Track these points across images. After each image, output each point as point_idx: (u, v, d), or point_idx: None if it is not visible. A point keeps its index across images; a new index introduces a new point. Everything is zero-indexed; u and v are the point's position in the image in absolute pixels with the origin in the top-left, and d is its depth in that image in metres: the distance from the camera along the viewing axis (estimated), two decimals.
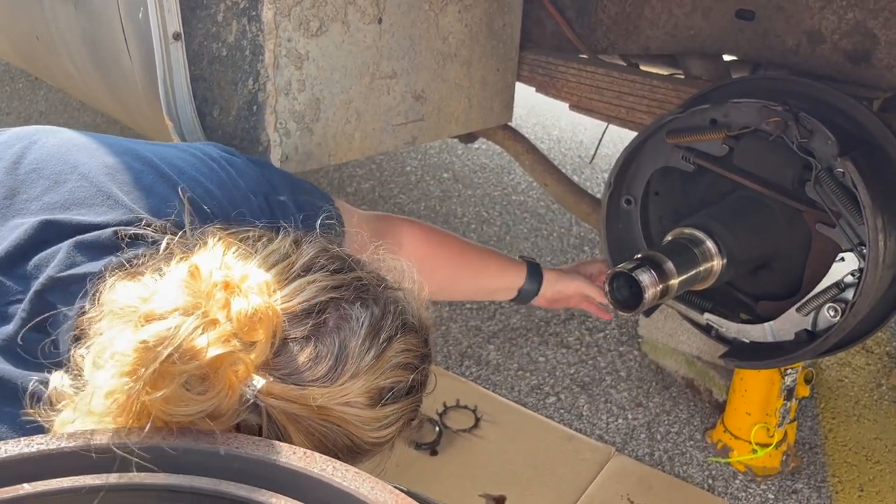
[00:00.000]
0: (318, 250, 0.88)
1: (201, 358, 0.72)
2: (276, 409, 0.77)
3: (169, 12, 1.26)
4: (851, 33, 1.60)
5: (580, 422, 2.04)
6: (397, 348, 0.86)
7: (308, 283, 0.83)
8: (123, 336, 0.73)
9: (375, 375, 0.84)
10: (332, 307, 0.83)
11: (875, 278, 1.38)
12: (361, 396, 0.83)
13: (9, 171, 0.96)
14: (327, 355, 0.81)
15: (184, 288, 0.76)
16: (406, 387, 0.87)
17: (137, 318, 0.74)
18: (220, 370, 0.73)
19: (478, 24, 1.84)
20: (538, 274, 1.64)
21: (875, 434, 2.04)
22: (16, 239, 0.89)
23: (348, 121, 1.66)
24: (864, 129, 1.48)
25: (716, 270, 1.45)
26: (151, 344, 0.71)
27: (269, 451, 0.70)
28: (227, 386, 0.74)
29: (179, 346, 0.71)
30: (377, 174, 3.42)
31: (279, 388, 0.77)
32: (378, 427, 0.85)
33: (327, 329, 0.82)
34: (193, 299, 0.75)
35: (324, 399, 0.79)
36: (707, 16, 1.79)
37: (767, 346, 1.57)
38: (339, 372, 0.81)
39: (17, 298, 0.86)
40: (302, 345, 0.80)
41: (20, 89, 4.19)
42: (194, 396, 0.72)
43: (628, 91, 1.85)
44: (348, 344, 0.82)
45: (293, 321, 0.81)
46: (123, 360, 0.71)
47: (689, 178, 1.65)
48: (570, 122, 3.99)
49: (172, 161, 1.03)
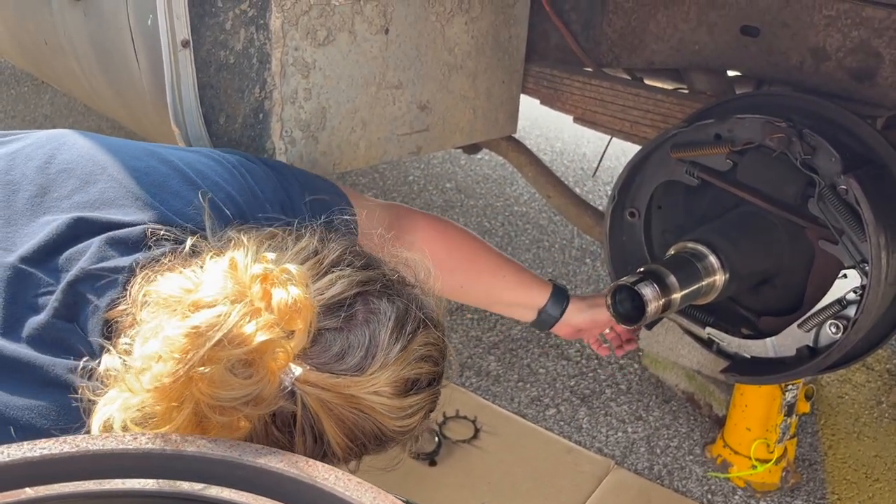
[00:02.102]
0: (344, 247, 0.92)
1: (249, 343, 0.75)
2: (311, 397, 0.81)
3: (178, 20, 1.26)
4: (856, 51, 1.61)
5: (580, 434, 2.04)
6: (420, 341, 0.91)
7: (338, 278, 0.88)
8: (172, 323, 0.76)
9: (402, 366, 0.88)
10: (360, 301, 0.88)
11: (877, 296, 1.38)
12: (388, 386, 0.87)
13: (40, 170, 0.99)
14: (359, 346, 0.85)
15: (228, 278, 0.80)
16: (428, 378, 0.92)
17: (185, 306, 0.77)
18: (265, 356, 0.77)
19: (484, 36, 1.85)
20: (564, 298, 1.51)
21: (875, 452, 2.03)
22: (48, 234, 0.92)
23: (354, 130, 1.66)
24: (867, 146, 1.49)
25: (718, 285, 1.46)
26: (203, 329, 0.74)
27: (271, 459, 0.70)
28: (270, 372, 0.78)
29: (230, 331, 0.75)
30: (380, 183, 3.43)
31: (315, 376, 0.81)
32: (403, 416, 0.89)
33: (357, 322, 0.87)
34: (239, 288, 0.79)
35: (355, 388, 0.83)
36: (712, 31, 1.79)
37: (769, 362, 1.57)
38: (369, 362, 0.85)
39: (49, 290, 0.89)
40: (335, 335, 0.85)
41: (25, 93, 4.20)
42: (240, 381, 0.75)
43: (633, 105, 1.86)
44: (378, 336, 0.87)
45: (326, 313, 0.85)
46: (175, 344, 0.74)
47: (692, 192, 1.65)
48: (572, 134, 4.00)
49: (196, 166, 1.06)
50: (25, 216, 0.95)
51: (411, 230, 1.37)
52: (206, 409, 0.74)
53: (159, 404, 0.74)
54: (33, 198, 0.97)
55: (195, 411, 0.74)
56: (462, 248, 1.44)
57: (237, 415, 0.76)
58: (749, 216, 1.55)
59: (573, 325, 1.53)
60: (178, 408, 0.74)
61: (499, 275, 1.48)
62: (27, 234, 0.93)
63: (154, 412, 0.74)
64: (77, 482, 0.67)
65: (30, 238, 0.93)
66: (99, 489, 0.68)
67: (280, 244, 0.89)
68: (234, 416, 0.76)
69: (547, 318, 1.52)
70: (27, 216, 0.95)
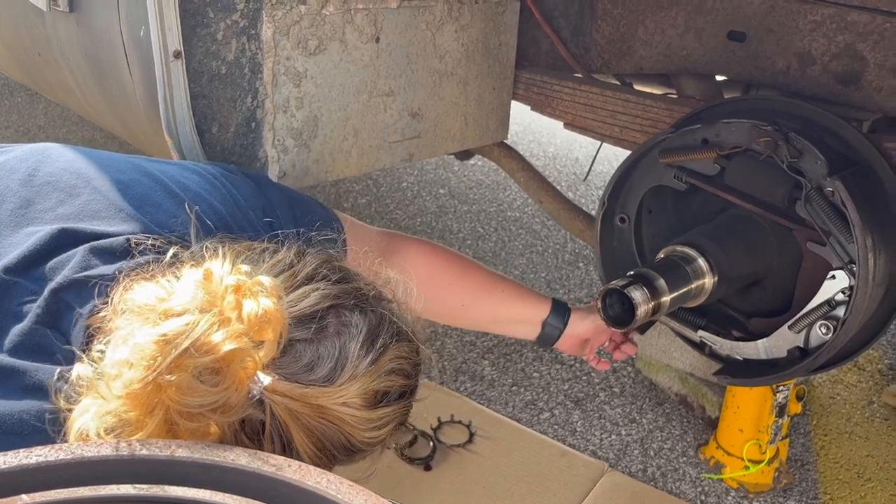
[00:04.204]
0: (320, 261, 0.94)
1: (217, 351, 0.77)
2: (279, 406, 0.82)
3: (170, 31, 1.28)
4: (841, 55, 1.63)
5: (574, 437, 2.05)
6: (392, 355, 0.92)
7: (312, 291, 0.89)
8: (143, 331, 0.78)
9: (371, 379, 0.89)
10: (332, 314, 0.89)
11: (865, 296, 1.40)
12: (358, 398, 0.88)
13: (24, 182, 1.01)
14: (328, 358, 0.86)
15: (200, 288, 0.81)
16: (399, 391, 0.93)
17: (156, 314, 0.79)
18: (232, 365, 0.78)
19: (474, 44, 1.86)
20: (565, 310, 1.51)
21: (867, 451, 2.05)
22: (32, 244, 0.94)
23: (346, 138, 1.68)
24: (853, 149, 1.50)
25: (707, 288, 1.47)
26: (170, 337, 0.76)
27: (265, 464, 0.71)
28: (237, 380, 0.79)
29: (197, 339, 0.76)
30: (374, 190, 3.44)
31: (283, 385, 0.82)
32: (372, 428, 0.90)
33: (328, 333, 0.88)
34: (209, 298, 0.80)
35: (323, 398, 0.85)
36: (699, 37, 1.82)
37: (760, 364, 1.58)
38: (338, 374, 0.86)
39: (32, 299, 0.90)
40: (305, 347, 0.86)
41: (19, 103, 4.21)
42: (207, 388, 0.76)
43: (622, 110, 1.88)
44: (348, 348, 0.88)
45: (297, 325, 0.86)
46: (144, 351, 0.75)
47: (681, 196, 1.67)
48: (565, 139, 4.02)
49: (178, 178, 1.08)
50: (9, 227, 0.97)
51: (403, 251, 1.38)
52: (175, 416, 0.75)
53: (132, 411, 0.75)
54: (17, 209, 0.99)
55: (165, 418, 0.75)
56: (456, 266, 1.44)
57: (205, 421, 0.77)
58: (737, 219, 1.57)
59: (577, 334, 1.51)
60: (149, 414, 0.75)
61: (497, 290, 1.47)
62: (10, 245, 0.95)
63: (127, 419, 0.75)
64: (72, 489, 0.68)
65: (13, 248, 0.94)
66: (94, 495, 0.69)
67: (257, 256, 0.91)
68: (202, 422, 0.77)
69: (551, 330, 1.50)
70: (10, 227, 0.97)
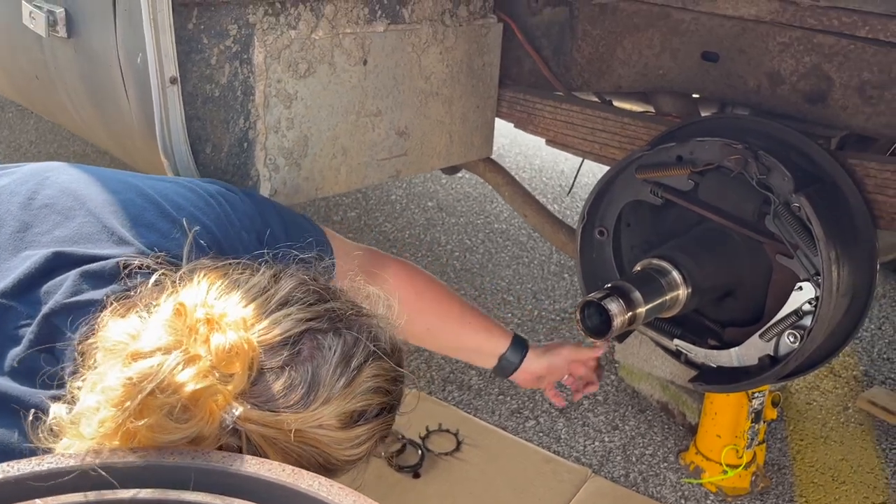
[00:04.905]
0: (295, 284, 0.94)
1: (182, 392, 0.79)
2: (254, 433, 0.85)
3: (166, 57, 1.33)
4: (809, 75, 1.71)
5: (558, 444, 2.11)
6: (368, 374, 0.93)
7: (284, 317, 0.90)
8: (113, 371, 0.80)
9: (347, 400, 0.90)
10: (306, 337, 0.90)
11: (830, 306, 1.47)
12: (333, 419, 0.89)
13: (23, 206, 1.04)
14: (301, 383, 0.88)
15: (167, 327, 0.83)
16: (377, 409, 0.94)
17: (125, 355, 0.81)
18: (201, 401, 0.80)
19: (458, 65, 1.93)
20: (523, 347, 1.57)
21: (841, 455, 2.12)
22: (27, 268, 0.97)
23: (335, 156, 1.74)
24: (818, 166, 1.58)
25: (681, 299, 1.54)
26: (136, 380, 0.78)
27: (259, 468, 0.77)
28: (208, 414, 0.81)
29: (162, 381, 0.78)
30: (363, 203, 3.50)
31: (256, 414, 0.85)
32: (350, 447, 0.92)
33: (301, 359, 0.89)
34: (176, 338, 0.82)
35: (297, 423, 0.86)
36: (675, 56, 1.89)
37: (733, 371, 1.65)
38: (311, 398, 0.88)
39: (27, 323, 0.94)
40: (277, 374, 0.87)
41: (10, 118, 4.25)
42: (177, 425, 0.79)
43: (601, 127, 1.95)
44: (320, 372, 0.89)
45: (269, 352, 0.88)
46: (112, 394, 0.78)
47: (658, 210, 1.74)
48: (551, 152, 4.10)
49: (172, 197, 1.11)
50: (8, 251, 1.00)
51: (381, 270, 1.42)
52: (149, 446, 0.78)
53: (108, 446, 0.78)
54: (16, 233, 1.02)
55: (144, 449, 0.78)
56: (430, 291, 1.50)
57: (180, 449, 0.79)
58: (711, 233, 1.64)
59: (531, 371, 1.58)
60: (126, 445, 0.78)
61: (464, 320, 1.53)
62: (8, 269, 0.98)
63: None
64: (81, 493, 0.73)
65: (10, 272, 0.97)
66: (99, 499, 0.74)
67: (233, 281, 0.92)
68: None
69: (507, 364, 1.56)
70: (9, 251, 1.00)
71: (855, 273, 1.52)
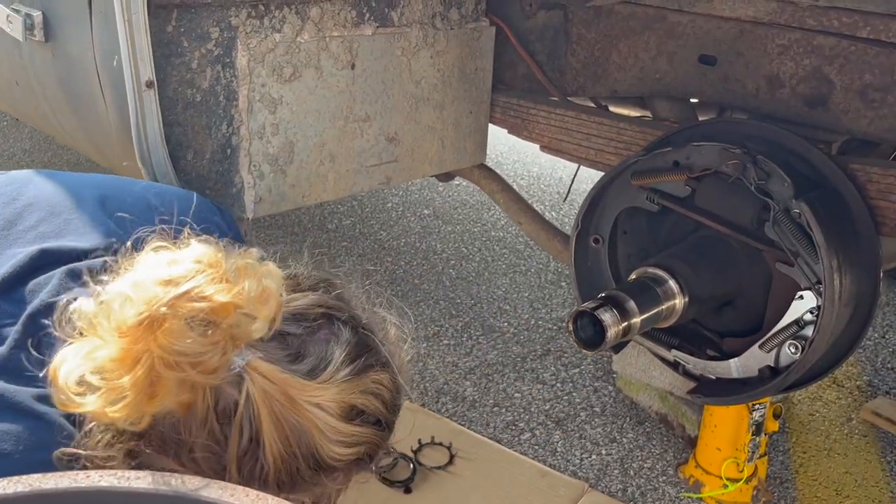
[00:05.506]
0: (322, 278, 0.97)
1: (212, 300, 0.79)
2: (257, 387, 0.83)
3: (142, 61, 1.29)
4: (808, 79, 1.66)
5: (554, 458, 2.06)
6: (374, 377, 0.93)
7: (311, 296, 0.93)
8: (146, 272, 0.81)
9: (350, 391, 0.89)
10: (325, 320, 0.91)
11: (832, 316, 1.42)
12: (333, 404, 0.88)
13: (6, 205, 1.04)
14: (313, 355, 0.88)
15: (211, 251, 0.84)
16: (375, 416, 0.93)
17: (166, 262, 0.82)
18: (225, 321, 0.80)
19: (450, 69, 1.89)
20: None
21: (845, 468, 2.06)
22: (12, 266, 0.96)
23: (322, 163, 1.69)
24: (819, 171, 1.53)
25: (678, 309, 1.49)
26: (173, 278, 0.79)
27: (225, 492, 0.72)
28: (224, 340, 0.80)
29: (197, 285, 0.79)
30: (358, 211, 3.46)
31: (265, 366, 0.84)
32: (341, 443, 0.90)
33: (317, 337, 0.90)
34: (216, 255, 0.83)
35: (299, 391, 0.85)
36: (671, 60, 1.85)
37: (733, 383, 1.60)
38: (319, 373, 0.87)
39: (11, 322, 0.92)
40: (294, 340, 0.88)
41: (4, 127, 4.22)
42: (195, 336, 0.78)
43: (596, 133, 1.90)
44: (332, 353, 0.89)
45: (291, 320, 0.89)
46: (145, 289, 0.78)
47: (654, 217, 1.69)
48: (549, 158, 4.03)
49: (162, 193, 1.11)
50: None
51: None
52: (158, 364, 0.77)
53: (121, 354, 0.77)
54: (0, 231, 1.01)
55: (150, 369, 0.77)
56: None
57: (184, 374, 0.78)
58: (708, 240, 1.59)
59: None
60: (136, 362, 0.76)
61: None
62: None
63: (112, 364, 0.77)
64: None
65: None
66: None
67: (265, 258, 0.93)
68: (181, 373, 0.78)
69: None
70: None
71: (858, 281, 1.47)
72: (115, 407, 0.77)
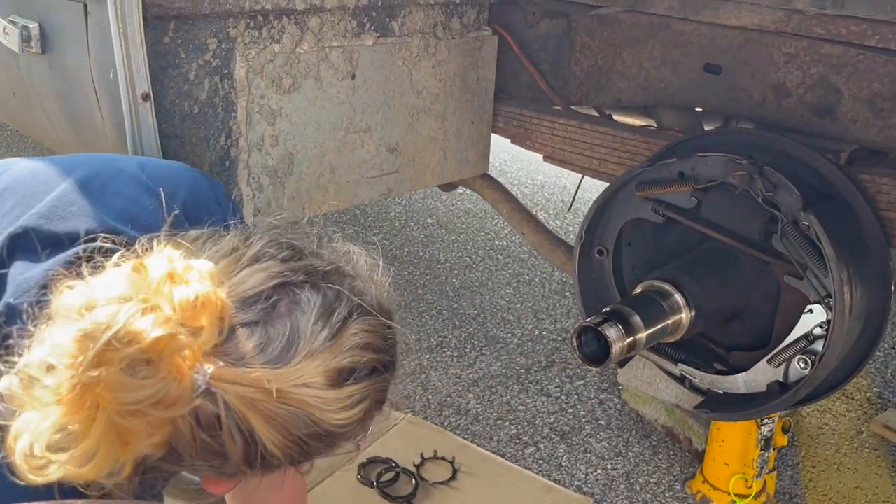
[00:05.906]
0: (266, 241, 0.88)
1: (142, 340, 0.72)
2: (232, 395, 0.77)
3: (138, 73, 1.27)
4: (816, 87, 1.64)
5: (559, 472, 2.02)
6: (354, 329, 0.86)
7: (256, 272, 0.84)
8: (61, 329, 0.73)
9: (333, 355, 0.83)
10: (282, 293, 0.84)
11: (842, 330, 1.39)
12: (320, 377, 0.82)
13: None
14: (278, 338, 0.81)
15: (126, 279, 0.76)
16: (368, 367, 0.87)
17: (78, 310, 0.74)
18: (165, 353, 0.73)
19: (452, 79, 1.87)
20: None
21: (856, 483, 2.02)
22: None
23: (322, 174, 1.67)
24: (828, 182, 1.50)
25: (684, 323, 1.46)
26: (90, 330, 0.71)
27: None
28: (175, 370, 0.74)
29: (118, 331, 0.71)
30: (361, 220, 3.43)
31: (230, 372, 0.77)
32: (341, 408, 0.84)
33: (277, 313, 0.82)
34: (135, 288, 0.75)
35: (278, 381, 0.79)
36: (676, 69, 1.82)
37: (741, 398, 1.57)
38: (291, 353, 0.81)
39: None
40: (252, 329, 0.81)
41: (8, 136, 4.22)
42: (139, 381, 0.71)
43: (600, 143, 1.88)
44: (299, 325, 0.82)
45: (242, 307, 0.81)
46: (64, 351, 0.71)
47: (659, 229, 1.66)
48: (553, 168, 4.02)
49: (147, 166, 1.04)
50: None
51: None
52: (115, 417, 0.71)
53: (72, 419, 0.71)
54: None
55: (109, 423, 0.71)
56: None
57: (147, 419, 0.72)
58: (715, 252, 1.56)
59: None
60: (91, 421, 0.71)
61: None
62: None
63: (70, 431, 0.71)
64: None
65: None
66: None
67: (198, 248, 0.86)
68: (145, 419, 0.72)
69: None
70: None
71: (868, 295, 1.44)
72: (88, 466, 0.72)
